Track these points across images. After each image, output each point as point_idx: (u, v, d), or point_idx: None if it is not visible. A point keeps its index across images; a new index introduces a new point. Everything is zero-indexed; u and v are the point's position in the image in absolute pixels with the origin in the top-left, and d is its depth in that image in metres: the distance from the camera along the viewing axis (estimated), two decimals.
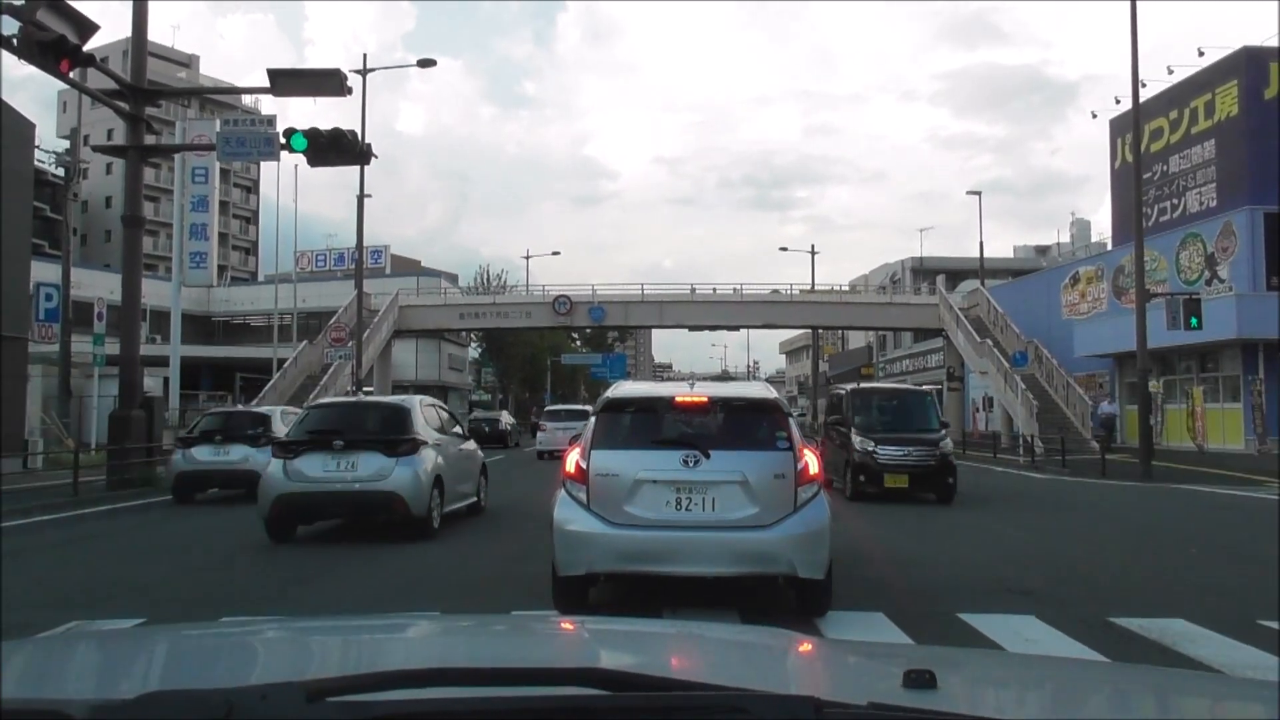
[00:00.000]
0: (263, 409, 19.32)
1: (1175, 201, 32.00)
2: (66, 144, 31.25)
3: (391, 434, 11.23)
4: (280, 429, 15.71)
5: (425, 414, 12.11)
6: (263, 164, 59.28)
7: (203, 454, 15.85)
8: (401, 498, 10.72)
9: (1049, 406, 31.46)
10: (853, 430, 15.66)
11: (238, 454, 15.69)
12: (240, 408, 21.90)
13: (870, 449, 15.21)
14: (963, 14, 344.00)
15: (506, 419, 42.18)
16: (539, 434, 29.44)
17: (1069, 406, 31.62)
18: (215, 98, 66.98)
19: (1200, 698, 1.68)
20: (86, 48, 14.68)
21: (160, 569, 9.26)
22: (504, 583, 8.03)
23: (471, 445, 14.03)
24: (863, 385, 19.64)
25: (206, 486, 16.09)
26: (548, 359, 64.26)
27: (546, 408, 36.83)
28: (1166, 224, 31.80)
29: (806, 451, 6.50)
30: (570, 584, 6.45)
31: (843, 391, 17.32)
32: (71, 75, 15.34)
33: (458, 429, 13.80)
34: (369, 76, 30.47)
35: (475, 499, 13.33)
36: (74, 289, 26.02)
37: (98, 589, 8.07)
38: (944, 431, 16.13)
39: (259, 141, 18.35)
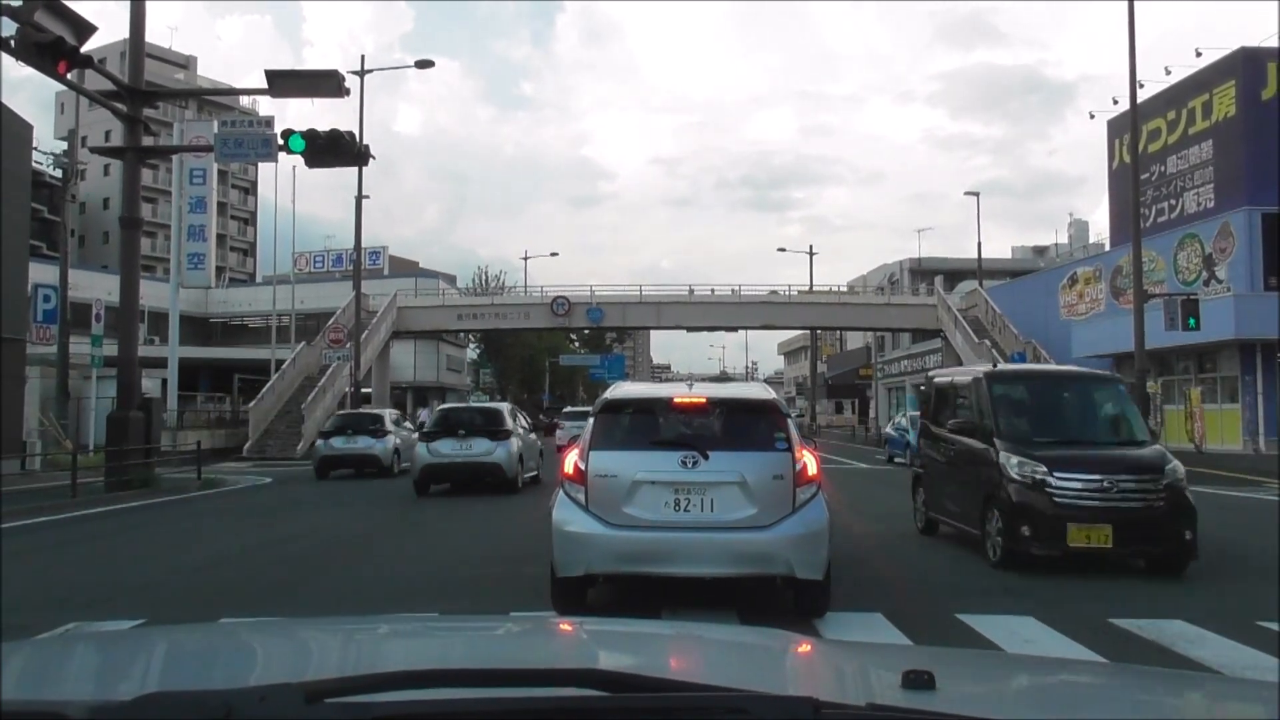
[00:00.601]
0: (377, 411, 26.75)
1: (1173, 202, 32.03)
2: (64, 145, 31.23)
3: (493, 426, 17.25)
4: (390, 426, 22.67)
5: (510, 414, 18.32)
6: (260, 165, 59.35)
7: (337, 443, 21.84)
8: (501, 467, 16.77)
9: None
10: (998, 443, 9.19)
11: (363, 443, 21.83)
12: (364, 410, 28.28)
13: (1038, 476, 8.65)
14: (959, 14, 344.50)
15: (526, 418, 43.15)
16: (558, 431, 32.75)
17: None
18: (213, 99, 66.89)
19: (1199, 698, 1.68)
20: (84, 49, 14.68)
21: (160, 569, 9.26)
22: (503, 584, 8.03)
23: (534, 436, 20.10)
24: (1006, 368, 12.48)
25: (340, 467, 21.83)
26: (546, 360, 64.27)
27: (565, 409, 40.23)
28: (1164, 224, 31.83)
29: (805, 452, 6.51)
30: (569, 585, 6.45)
31: (966, 379, 10.61)
32: (69, 77, 15.33)
33: (523, 425, 19.27)
34: (367, 77, 30.48)
35: (536, 473, 18.78)
36: (72, 290, 25.99)
37: (96, 590, 8.06)
38: (1158, 445, 9.60)
39: (257, 143, 18.36)
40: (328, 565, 9.48)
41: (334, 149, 16.89)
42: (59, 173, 28.33)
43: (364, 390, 35.90)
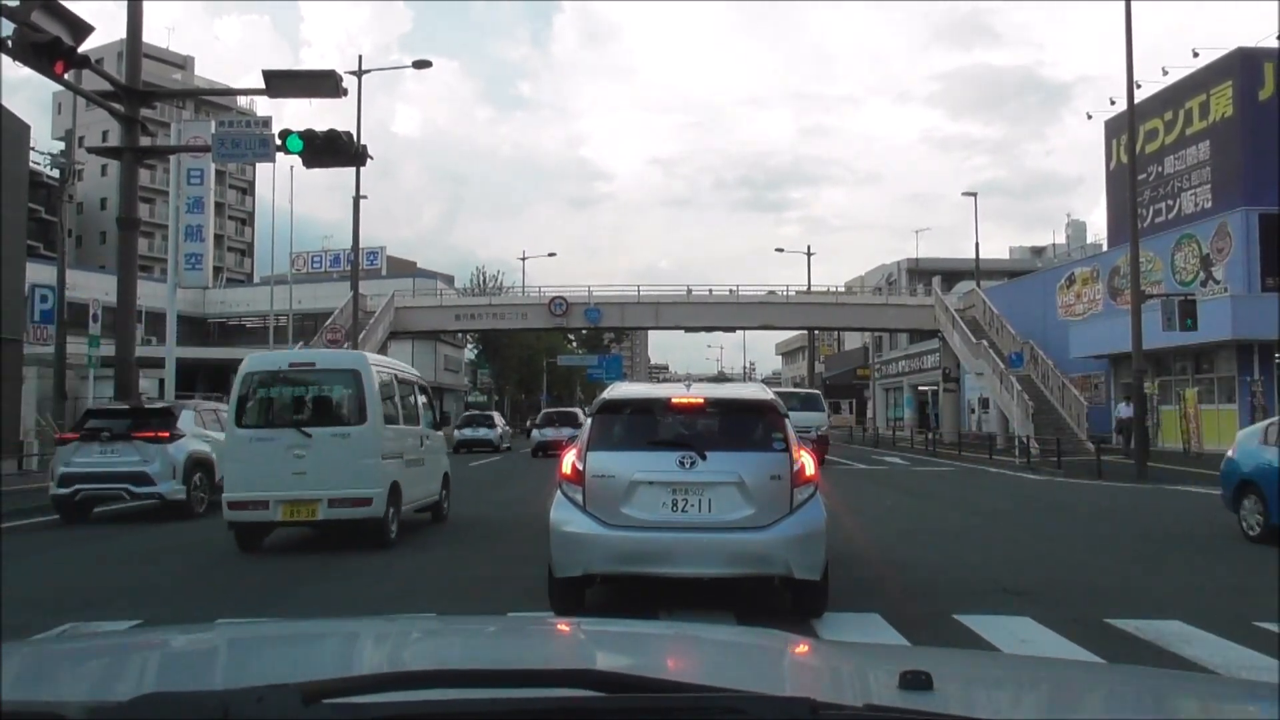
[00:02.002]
0: (491, 413, 38.83)
1: (1170, 203, 32.05)
2: (62, 146, 31.17)
3: (573, 420, 28.80)
4: (498, 421, 35.71)
5: (580, 413, 29.00)
6: (258, 165, 59.24)
7: (466, 432, 33.69)
8: None
9: (1045, 407, 31.50)
10: None
11: (482, 432, 33.78)
12: (482, 411, 40.38)
13: None
14: (957, 15, 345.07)
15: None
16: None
17: (1064, 407, 31.65)
18: (210, 99, 66.76)
19: (1197, 699, 1.68)
20: (81, 49, 14.65)
21: (156, 571, 9.25)
22: (501, 584, 8.03)
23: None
24: None
25: (465, 447, 32.20)
26: (544, 360, 64.17)
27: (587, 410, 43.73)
28: (1162, 225, 31.85)
29: (802, 452, 6.50)
30: (567, 585, 6.44)
31: None
32: (66, 77, 15.30)
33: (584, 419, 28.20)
34: (365, 78, 30.41)
35: None
36: (69, 290, 25.95)
37: (93, 591, 8.05)
38: None
39: (254, 143, 18.30)
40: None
41: (332, 149, 16.86)
42: (56, 173, 28.26)
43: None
